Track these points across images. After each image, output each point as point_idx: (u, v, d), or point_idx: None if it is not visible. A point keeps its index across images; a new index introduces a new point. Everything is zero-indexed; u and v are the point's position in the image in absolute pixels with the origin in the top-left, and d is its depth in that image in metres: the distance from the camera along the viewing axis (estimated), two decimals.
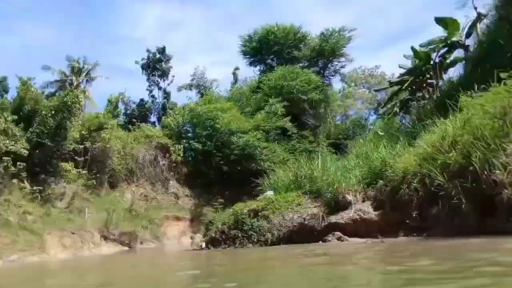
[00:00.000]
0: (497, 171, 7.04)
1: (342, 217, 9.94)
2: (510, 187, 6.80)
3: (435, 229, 8.15)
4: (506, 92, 7.95)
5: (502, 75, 8.30)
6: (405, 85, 16.16)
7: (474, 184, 7.47)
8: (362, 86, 42.20)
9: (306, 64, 31.92)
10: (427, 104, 14.42)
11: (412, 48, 15.73)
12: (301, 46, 32.14)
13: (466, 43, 15.19)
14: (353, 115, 39.80)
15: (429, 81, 15.62)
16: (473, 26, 14.85)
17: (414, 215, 8.55)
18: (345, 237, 9.59)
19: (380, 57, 66.83)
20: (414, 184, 8.66)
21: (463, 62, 15.16)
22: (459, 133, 8.19)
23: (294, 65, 30.23)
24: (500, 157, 7.09)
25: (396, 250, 7.06)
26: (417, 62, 16.05)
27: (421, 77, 15.79)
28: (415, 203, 8.57)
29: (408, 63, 17.22)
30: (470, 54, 14.70)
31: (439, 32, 15.43)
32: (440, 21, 14.86)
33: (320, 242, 9.80)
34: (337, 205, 10.28)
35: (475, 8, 15.03)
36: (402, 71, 17.37)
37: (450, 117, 9.16)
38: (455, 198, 7.65)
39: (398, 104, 17.20)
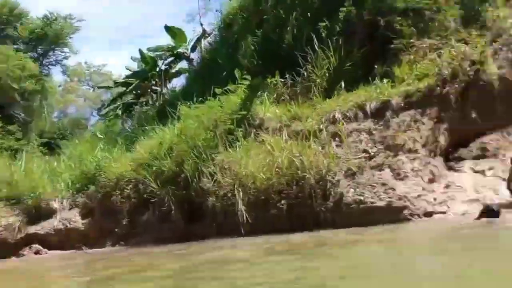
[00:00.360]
0: (205, 179, 7.42)
1: (43, 227, 8.72)
2: (215, 195, 7.24)
3: (144, 236, 8.02)
4: (219, 106, 8.62)
5: (217, 90, 8.93)
6: (130, 87, 15.87)
7: (184, 192, 7.72)
8: (87, 84, 39.73)
9: (22, 47, 27.73)
10: (150, 110, 14.45)
11: (140, 51, 15.58)
12: (18, 25, 27.82)
13: (191, 56, 16.03)
14: (73, 113, 36.93)
15: (154, 87, 15.77)
16: (198, 41, 15.83)
17: (124, 223, 8.22)
18: (45, 250, 8.47)
19: (112, 56, 64.94)
20: (127, 191, 8.33)
21: (187, 73, 15.98)
22: (175, 141, 8.36)
23: (7, 45, 25.81)
24: (209, 167, 7.54)
25: (94, 261, 6.55)
26: (143, 66, 16.01)
27: (146, 82, 15.80)
28: (126, 210, 8.23)
29: (135, 66, 17.06)
30: (193, 67, 15.60)
31: (168, 40, 15.79)
32: (169, 30, 15.22)
33: (13, 258, 8.42)
34: (39, 213, 8.98)
35: (201, 25, 16.17)
36: (129, 73, 17.08)
37: (169, 125, 9.28)
38: (166, 205, 7.70)
39: (121, 107, 16.70)
